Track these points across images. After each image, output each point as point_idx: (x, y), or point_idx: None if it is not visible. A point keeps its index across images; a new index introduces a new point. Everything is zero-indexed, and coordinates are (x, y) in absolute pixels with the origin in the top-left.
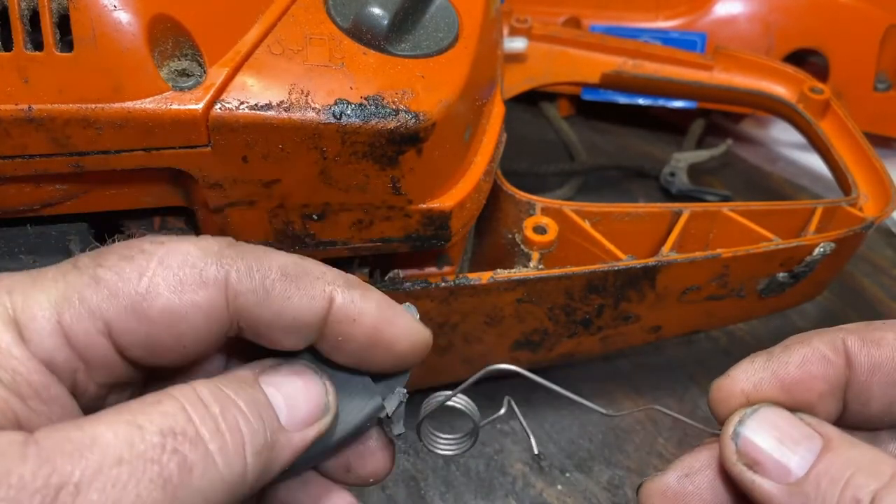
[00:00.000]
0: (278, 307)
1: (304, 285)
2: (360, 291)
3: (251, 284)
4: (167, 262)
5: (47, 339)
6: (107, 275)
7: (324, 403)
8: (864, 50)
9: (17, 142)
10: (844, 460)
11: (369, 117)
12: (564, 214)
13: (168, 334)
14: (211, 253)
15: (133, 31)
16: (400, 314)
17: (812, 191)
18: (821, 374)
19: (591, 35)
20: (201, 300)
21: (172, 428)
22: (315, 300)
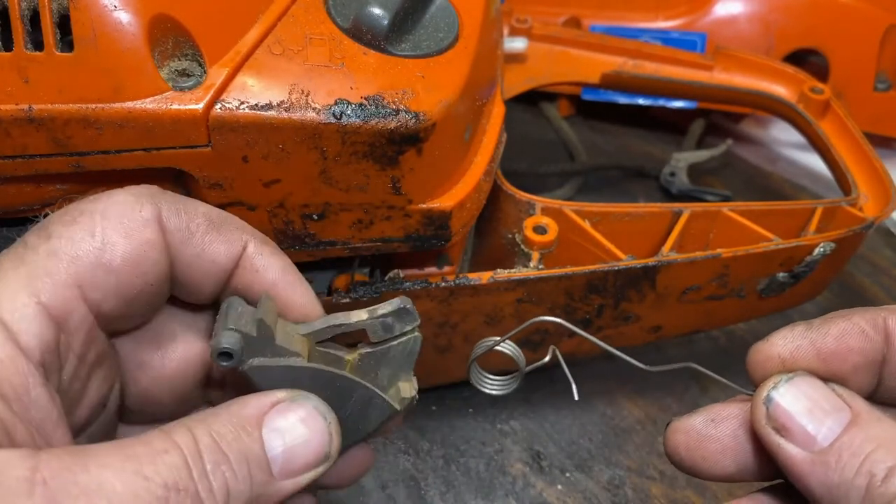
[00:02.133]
0: (199, 248)
1: (224, 230)
2: (271, 249)
3: (178, 224)
4: (108, 213)
5: (33, 325)
6: (60, 244)
7: (324, 454)
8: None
9: (17, 142)
10: (868, 435)
11: (369, 117)
12: (564, 214)
13: (136, 276)
14: (143, 194)
15: (133, 31)
16: (301, 283)
17: (812, 191)
18: (858, 348)
19: (591, 35)
20: (150, 237)
21: (176, 483)
22: (232, 245)
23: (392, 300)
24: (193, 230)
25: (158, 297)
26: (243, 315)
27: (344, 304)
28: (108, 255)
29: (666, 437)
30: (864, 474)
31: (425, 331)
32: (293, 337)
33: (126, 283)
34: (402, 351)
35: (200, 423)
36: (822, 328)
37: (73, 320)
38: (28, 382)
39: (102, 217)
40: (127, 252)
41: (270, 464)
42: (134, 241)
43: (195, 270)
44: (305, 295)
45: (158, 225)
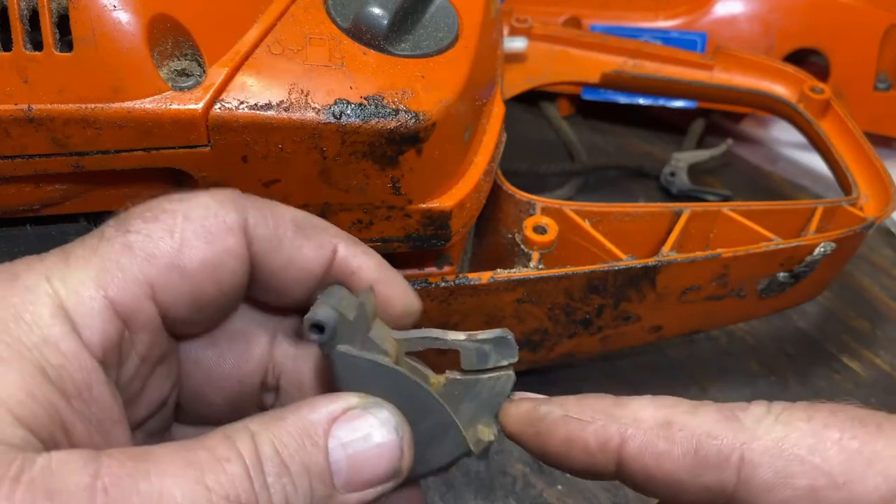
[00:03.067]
0: (289, 255)
1: (312, 235)
2: (362, 248)
3: (266, 231)
4: (191, 215)
5: (98, 320)
6: (137, 239)
7: (394, 469)
8: (864, 50)
9: (17, 142)
10: None
11: (369, 117)
12: (564, 214)
13: (210, 283)
14: (228, 201)
15: (133, 31)
16: (397, 277)
17: (812, 191)
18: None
19: (592, 35)
20: (232, 245)
21: (238, 496)
22: (322, 249)
23: (495, 329)
24: (281, 237)
25: (230, 307)
26: (344, 299)
27: None
28: (186, 257)
29: None
30: None
31: None
32: (386, 338)
33: (200, 289)
34: (491, 387)
35: (264, 428)
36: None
37: (140, 319)
38: (91, 379)
39: (185, 218)
40: (206, 257)
41: (334, 475)
42: (214, 247)
43: (285, 277)
44: (404, 288)
45: (243, 233)
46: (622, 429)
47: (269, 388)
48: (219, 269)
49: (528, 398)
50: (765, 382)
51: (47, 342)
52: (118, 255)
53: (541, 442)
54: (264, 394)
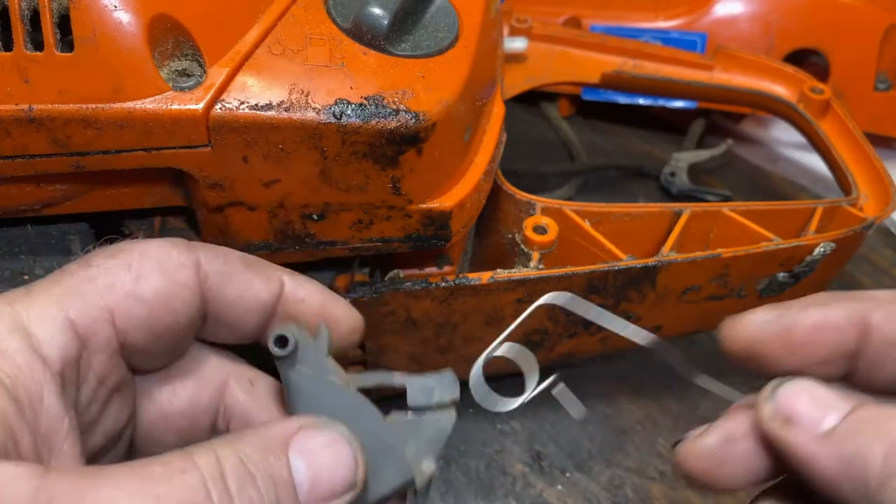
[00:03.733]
0: (240, 287)
1: (260, 270)
2: (304, 278)
3: (217, 267)
4: (147, 252)
5: (57, 335)
6: (98, 272)
7: (350, 481)
8: (864, 50)
9: (17, 142)
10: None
11: (369, 117)
12: (564, 214)
13: (165, 312)
14: (181, 243)
15: (133, 32)
16: (340, 299)
17: (812, 191)
18: (829, 343)
19: (591, 35)
20: (184, 279)
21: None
22: (270, 281)
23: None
24: (231, 272)
25: (184, 339)
26: (302, 327)
27: None
28: (142, 287)
29: (678, 461)
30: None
31: (425, 331)
32: (339, 370)
33: (155, 316)
34: (434, 425)
35: (226, 443)
36: (796, 316)
37: (98, 340)
38: (42, 390)
39: (141, 254)
40: (160, 287)
41: (297, 487)
42: (168, 279)
43: (238, 309)
44: (347, 307)
45: (195, 269)
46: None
47: (219, 431)
48: (173, 299)
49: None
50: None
51: (3, 354)
52: (80, 284)
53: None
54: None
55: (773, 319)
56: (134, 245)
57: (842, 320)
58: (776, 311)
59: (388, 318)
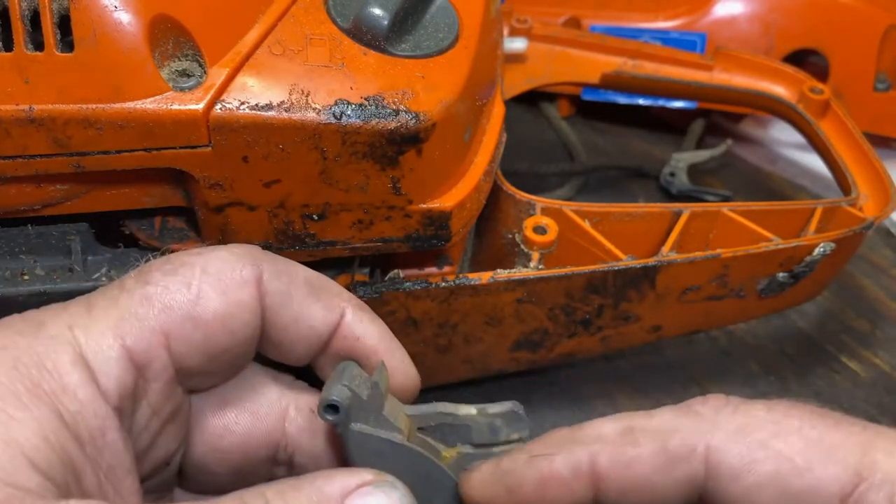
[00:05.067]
0: (297, 312)
1: (323, 296)
2: (370, 315)
3: (279, 286)
4: (209, 269)
5: (115, 367)
6: (156, 291)
7: None
8: (864, 50)
9: (17, 142)
10: None
11: (369, 117)
12: (564, 214)
13: (223, 334)
14: (245, 255)
15: (134, 32)
16: (399, 348)
17: (812, 191)
18: (557, 498)
19: (591, 35)
20: (245, 298)
21: None
22: (331, 311)
23: (505, 402)
24: (293, 294)
25: (242, 359)
26: (356, 378)
27: None
28: (200, 308)
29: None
30: None
31: (425, 331)
32: (399, 414)
33: (213, 339)
34: None
35: (279, 495)
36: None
37: (154, 368)
38: (105, 426)
39: (202, 271)
40: (219, 309)
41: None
42: (228, 299)
43: (291, 334)
44: (405, 361)
45: (256, 287)
46: (589, 448)
47: (280, 463)
48: (231, 321)
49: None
50: (764, 382)
51: (66, 389)
52: (137, 305)
53: (515, 497)
54: (275, 468)
55: (497, 478)
56: (196, 258)
57: (566, 473)
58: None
59: (388, 318)
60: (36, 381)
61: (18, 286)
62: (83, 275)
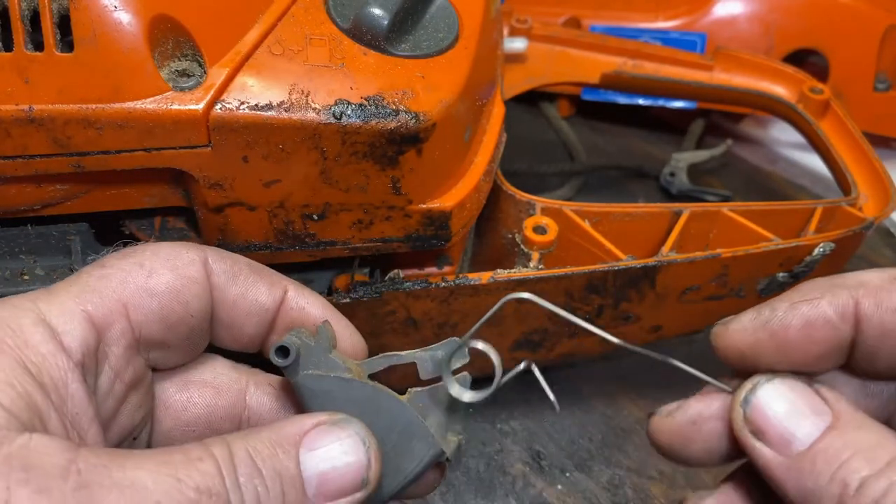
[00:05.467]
0: (244, 288)
1: (264, 275)
2: (309, 291)
3: (223, 266)
4: (158, 252)
5: (76, 327)
6: (112, 271)
7: (361, 479)
8: (864, 50)
9: (17, 142)
10: (846, 441)
11: (369, 117)
12: (564, 214)
13: (177, 303)
14: (188, 244)
15: (133, 32)
16: (342, 318)
17: (812, 191)
18: (822, 339)
19: (591, 35)
20: (194, 274)
21: (209, 488)
22: (273, 287)
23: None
24: (237, 273)
25: (198, 334)
26: (303, 331)
27: (344, 305)
28: (153, 282)
29: (649, 433)
30: (837, 482)
31: (425, 331)
32: (347, 362)
33: (168, 308)
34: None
35: (239, 438)
36: (785, 317)
37: (114, 331)
38: (67, 377)
39: (152, 253)
40: (170, 281)
41: (305, 483)
42: (178, 274)
43: (240, 310)
44: (349, 328)
45: (203, 266)
46: (853, 292)
47: None
48: (183, 292)
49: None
50: None
51: (28, 344)
52: (95, 282)
53: (778, 340)
54: None
55: (761, 323)
56: (146, 246)
57: (832, 315)
58: (764, 311)
59: (388, 318)
60: (6, 343)
61: (18, 286)
62: None
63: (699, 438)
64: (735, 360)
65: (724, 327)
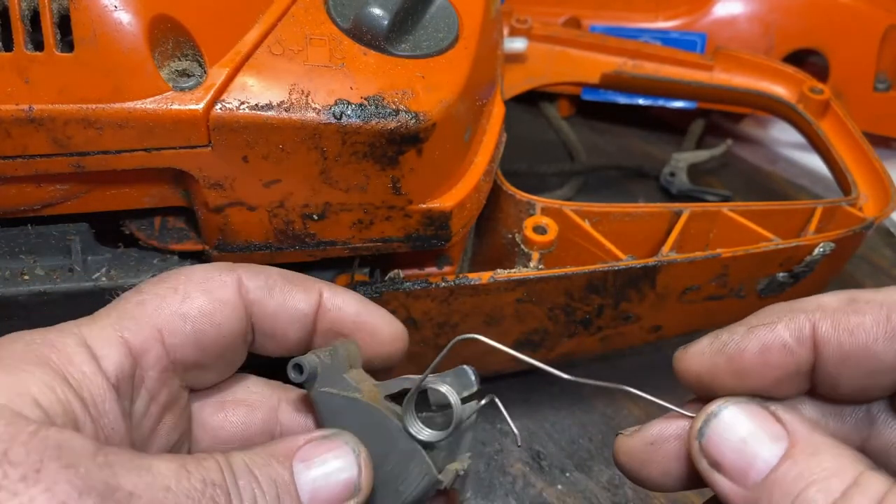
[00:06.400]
0: (281, 299)
1: (298, 282)
2: (342, 289)
3: (258, 282)
4: (192, 277)
5: (114, 352)
6: (147, 297)
7: (353, 485)
8: (863, 50)
9: (18, 142)
10: (800, 470)
11: (369, 117)
12: (564, 214)
13: (210, 326)
14: (221, 265)
15: (134, 32)
16: (378, 308)
17: (812, 191)
18: (778, 364)
19: (591, 35)
20: (226, 296)
21: (213, 480)
22: (309, 292)
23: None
24: (272, 285)
25: (232, 353)
26: (325, 349)
27: None
28: (186, 306)
29: (613, 453)
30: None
31: (425, 331)
32: (364, 382)
33: (200, 331)
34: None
35: (237, 452)
36: (741, 341)
37: (150, 357)
38: (105, 396)
39: (186, 278)
40: (203, 305)
41: (299, 492)
42: (211, 297)
43: (281, 319)
44: (386, 317)
45: (237, 286)
46: (810, 315)
47: None
48: (215, 315)
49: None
50: None
51: (71, 362)
52: (133, 308)
53: (735, 365)
54: None
55: (717, 348)
56: (181, 271)
57: (788, 339)
58: (722, 336)
59: None
60: (46, 354)
61: (18, 286)
62: (83, 275)
63: (657, 459)
64: (694, 384)
65: (684, 351)
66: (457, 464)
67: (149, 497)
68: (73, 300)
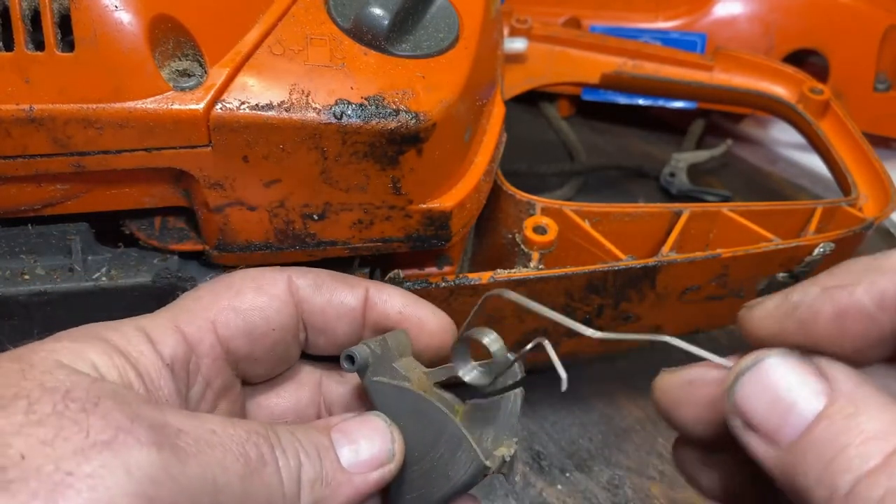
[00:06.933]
0: (328, 295)
1: (344, 280)
2: (387, 286)
3: (307, 280)
4: (245, 275)
5: (170, 339)
6: (203, 293)
7: (388, 451)
8: (864, 50)
9: (18, 142)
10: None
11: (370, 117)
12: (564, 214)
13: (260, 319)
14: (274, 268)
15: (134, 32)
16: (424, 301)
17: (812, 191)
18: (858, 332)
19: (591, 35)
20: (276, 292)
21: (257, 431)
22: (355, 289)
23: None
24: (320, 283)
25: (282, 347)
26: (377, 339)
27: None
28: (239, 300)
29: (652, 389)
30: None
31: None
32: (414, 371)
33: (251, 323)
34: (505, 408)
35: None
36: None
37: (204, 346)
38: (160, 374)
39: (241, 276)
40: (254, 299)
41: (339, 455)
42: (261, 293)
43: (329, 315)
44: (432, 310)
45: (287, 285)
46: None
47: None
48: (265, 308)
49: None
50: None
51: (130, 343)
52: (189, 303)
53: (807, 330)
54: None
55: (786, 311)
56: (235, 272)
57: (869, 305)
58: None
59: None
60: (105, 334)
61: (19, 286)
62: (83, 274)
63: (692, 401)
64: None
65: (749, 311)
66: (503, 448)
67: (195, 435)
68: (73, 300)
